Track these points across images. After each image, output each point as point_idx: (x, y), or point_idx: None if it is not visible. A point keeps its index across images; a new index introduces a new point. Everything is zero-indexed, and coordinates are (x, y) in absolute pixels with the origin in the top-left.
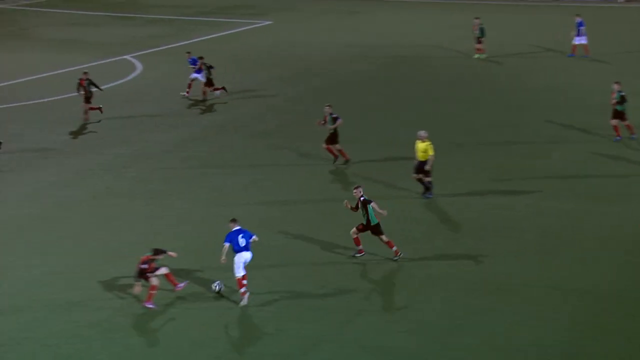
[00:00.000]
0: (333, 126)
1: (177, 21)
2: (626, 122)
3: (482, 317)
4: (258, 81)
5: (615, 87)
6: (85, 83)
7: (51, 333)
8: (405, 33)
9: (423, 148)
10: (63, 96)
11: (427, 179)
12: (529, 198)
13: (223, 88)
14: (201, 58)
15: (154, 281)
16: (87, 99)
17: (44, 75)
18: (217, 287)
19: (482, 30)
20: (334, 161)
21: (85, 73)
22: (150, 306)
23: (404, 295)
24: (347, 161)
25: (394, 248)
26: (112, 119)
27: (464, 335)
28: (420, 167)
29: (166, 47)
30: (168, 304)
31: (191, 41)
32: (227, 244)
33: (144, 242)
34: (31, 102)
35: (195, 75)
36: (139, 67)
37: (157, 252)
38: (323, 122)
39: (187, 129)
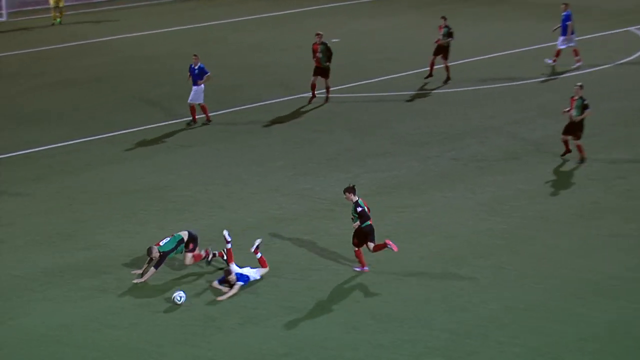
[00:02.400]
0: (580, 117)
1: None
2: None
3: None
4: None
5: None
6: (319, 48)
7: None
8: None
9: None
10: (535, 79)
11: None
12: None
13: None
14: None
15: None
16: (318, 70)
17: (519, 50)
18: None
19: None
20: (564, 154)
21: (318, 35)
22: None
23: None
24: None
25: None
26: (601, 112)
27: None
28: None
29: None
30: None
31: None
32: None
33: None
34: (498, 84)
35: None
36: None
37: None
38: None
39: None
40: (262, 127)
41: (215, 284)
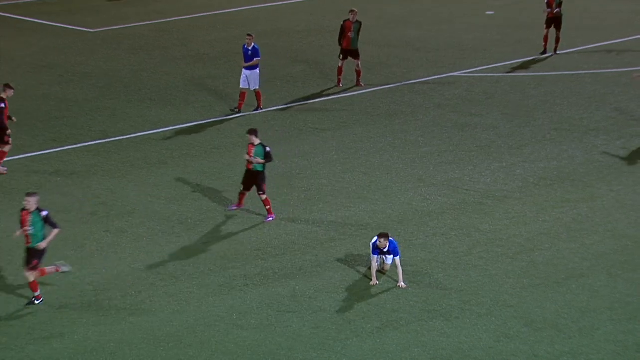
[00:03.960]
0: None
1: None
2: None
3: None
4: None
5: None
6: (352, 27)
7: None
8: None
9: None
10: None
11: None
12: None
13: None
14: None
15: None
16: (345, 52)
17: None
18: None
19: None
20: None
21: (352, 12)
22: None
23: None
24: None
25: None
26: None
27: None
28: None
29: None
30: None
31: None
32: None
33: None
34: None
35: None
36: None
37: None
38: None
39: None
40: (406, 110)
41: (375, 259)
